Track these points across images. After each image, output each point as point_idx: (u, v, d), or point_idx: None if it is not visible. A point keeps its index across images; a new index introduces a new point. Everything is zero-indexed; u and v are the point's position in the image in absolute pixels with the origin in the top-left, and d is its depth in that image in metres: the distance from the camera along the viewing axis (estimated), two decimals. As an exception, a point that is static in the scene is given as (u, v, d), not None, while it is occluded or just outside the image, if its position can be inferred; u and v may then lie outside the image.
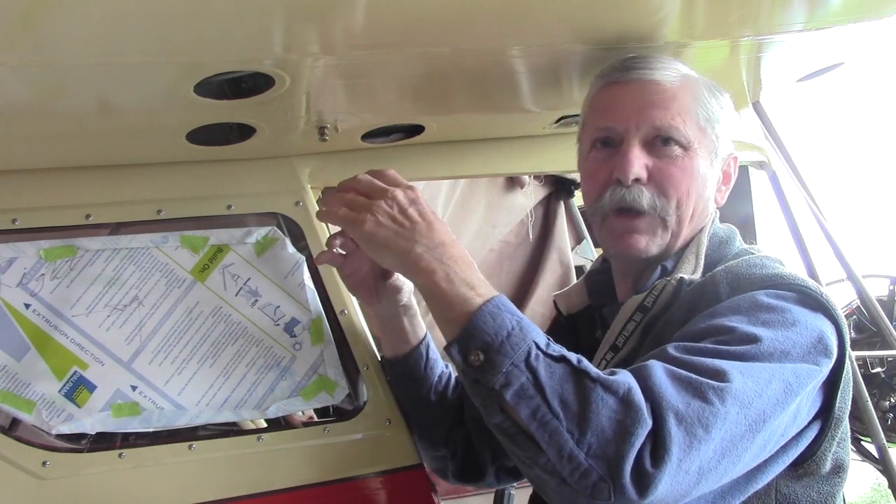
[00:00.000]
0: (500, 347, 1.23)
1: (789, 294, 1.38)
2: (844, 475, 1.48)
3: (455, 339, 1.28)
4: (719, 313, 1.35)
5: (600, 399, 1.17)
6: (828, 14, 1.53)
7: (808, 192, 2.47)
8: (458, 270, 1.35)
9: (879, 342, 3.23)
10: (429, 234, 1.40)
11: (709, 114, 1.52)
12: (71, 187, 1.70)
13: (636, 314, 1.48)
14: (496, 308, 1.28)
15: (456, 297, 1.32)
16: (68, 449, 1.65)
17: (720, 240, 1.57)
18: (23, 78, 1.26)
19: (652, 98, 1.49)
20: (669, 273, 1.51)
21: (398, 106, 1.73)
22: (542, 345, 1.24)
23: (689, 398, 1.18)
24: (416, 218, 1.42)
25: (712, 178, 1.56)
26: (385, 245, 1.43)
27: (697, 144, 1.50)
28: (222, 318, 1.71)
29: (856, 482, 7.02)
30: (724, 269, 1.45)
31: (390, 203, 1.44)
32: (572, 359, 1.23)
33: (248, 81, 1.42)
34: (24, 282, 1.64)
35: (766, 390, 1.24)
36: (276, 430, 1.78)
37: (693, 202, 1.51)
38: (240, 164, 1.79)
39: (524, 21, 1.34)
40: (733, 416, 1.20)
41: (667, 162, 1.48)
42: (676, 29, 1.51)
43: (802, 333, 1.32)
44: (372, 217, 1.43)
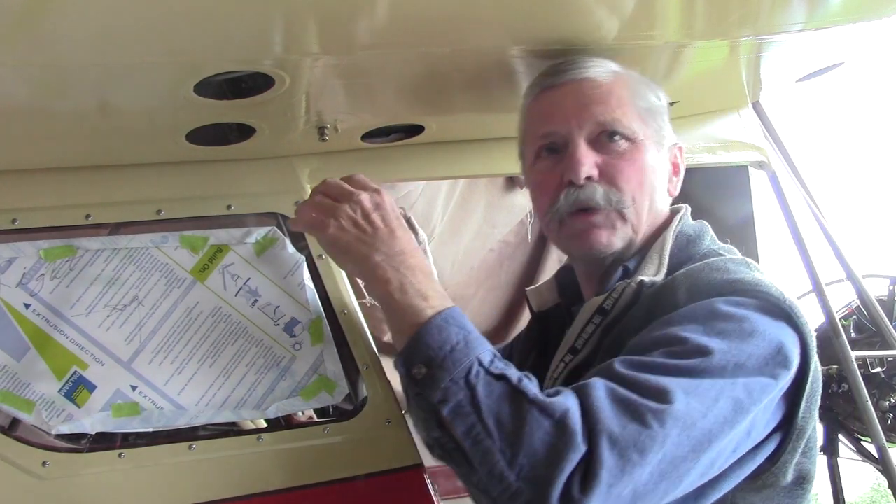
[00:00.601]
0: (443, 362, 1.22)
1: (750, 301, 1.33)
2: (809, 486, 1.43)
3: (401, 351, 1.28)
4: (675, 321, 1.31)
5: (535, 421, 1.15)
6: (827, 14, 1.53)
7: (807, 193, 2.47)
8: (414, 280, 1.35)
9: (879, 342, 3.23)
10: (389, 241, 1.40)
11: (648, 105, 1.52)
12: (71, 187, 1.70)
13: (595, 316, 1.45)
14: (444, 321, 1.27)
15: (408, 307, 1.32)
16: (68, 449, 1.65)
17: (688, 238, 1.53)
18: (23, 78, 1.26)
19: (589, 95, 1.48)
20: (632, 274, 1.48)
21: (398, 106, 1.74)
22: (486, 362, 1.23)
23: (627, 421, 1.15)
24: (378, 224, 1.42)
25: (662, 168, 1.55)
26: (345, 251, 1.43)
27: (643, 136, 1.49)
28: (222, 318, 1.71)
29: (856, 482, 7.03)
30: (684, 274, 1.41)
31: (354, 207, 1.43)
32: (513, 377, 1.21)
33: (248, 81, 1.42)
34: (24, 282, 1.64)
35: (712, 409, 1.21)
36: (276, 430, 1.78)
37: (647, 193, 1.50)
38: (240, 164, 1.79)
39: (523, 21, 1.35)
40: (673, 439, 1.17)
41: (615, 156, 1.47)
42: (676, 29, 1.51)
43: (759, 344, 1.28)
44: (335, 221, 1.42)
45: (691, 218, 1.59)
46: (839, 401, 3.45)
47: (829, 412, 3.55)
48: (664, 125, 1.56)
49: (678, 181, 1.61)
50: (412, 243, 1.42)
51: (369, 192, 1.45)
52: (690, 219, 1.59)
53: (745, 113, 2.21)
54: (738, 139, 2.19)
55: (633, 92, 1.51)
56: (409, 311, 1.31)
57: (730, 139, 2.19)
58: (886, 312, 3.15)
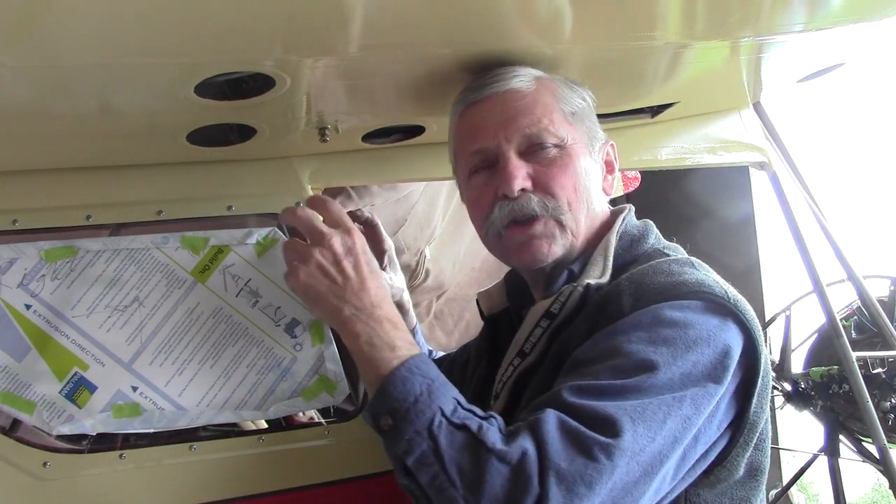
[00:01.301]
0: (406, 414, 1.25)
1: (695, 303, 1.34)
2: (762, 478, 1.45)
3: (370, 403, 1.32)
4: (620, 330, 1.33)
5: (494, 469, 1.18)
6: (828, 15, 1.53)
7: (808, 193, 2.47)
8: (382, 332, 1.37)
9: (880, 343, 3.22)
10: (359, 293, 1.41)
11: (573, 107, 1.53)
12: (71, 188, 1.70)
13: (542, 320, 1.46)
14: (408, 371, 1.30)
15: (376, 360, 1.35)
16: (69, 450, 1.65)
17: (631, 239, 1.53)
18: (23, 79, 1.26)
19: (514, 106, 1.49)
20: (577, 277, 1.48)
21: (398, 107, 1.74)
22: (448, 411, 1.26)
23: (574, 454, 1.18)
24: (349, 273, 1.42)
25: (594, 169, 1.56)
26: (316, 300, 1.45)
27: (571, 140, 1.51)
28: (223, 318, 1.71)
29: (857, 483, 7.02)
30: (628, 278, 1.41)
31: (325, 253, 1.43)
32: (473, 426, 1.24)
33: (249, 82, 1.42)
34: (25, 283, 1.64)
35: (660, 432, 1.23)
36: (277, 431, 1.78)
37: (583, 197, 1.51)
38: (240, 164, 1.79)
39: (523, 22, 1.35)
40: (623, 468, 1.19)
41: (547, 164, 1.49)
42: (677, 29, 1.51)
43: (705, 351, 1.30)
44: (305, 268, 1.43)
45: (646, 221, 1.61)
46: (840, 401, 3.45)
47: (831, 413, 3.55)
48: (592, 125, 1.57)
49: (613, 179, 1.62)
50: (382, 291, 1.44)
51: (340, 235, 1.45)
52: (634, 219, 1.59)
53: (745, 113, 2.21)
54: (738, 140, 2.19)
55: (557, 97, 1.52)
56: (377, 363, 1.34)
57: (730, 140, 2.19)
58: (887, 313, 3.14)
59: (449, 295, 3.11)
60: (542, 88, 1.52)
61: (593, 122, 1.58)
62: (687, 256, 1.49)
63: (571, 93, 1.55)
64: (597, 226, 1.56)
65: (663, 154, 2.11)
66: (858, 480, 6.91)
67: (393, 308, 1.44)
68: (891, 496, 3.00)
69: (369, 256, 1.47)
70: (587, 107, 1.57)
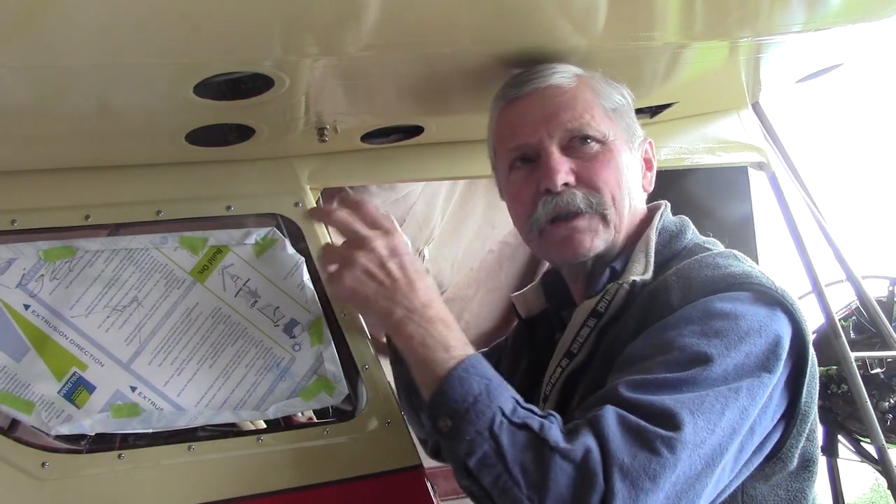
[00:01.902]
0: (466, 415, 1.25)
1: (743, 294, 1.35)
2: (815, 468, 1.45)
3: (427, 405, 1.31)
4: (671, 325, 1.34)
5: (559, 468, 1.19)
6: (827, 15, 1.53)
7: (807, 193, 2.47)
8: (435, 333, 1.36)
9: (879, 343, 3.22)
10: (409, 294, 1.40)
11: (614, 104, 1.54)
12: (70, 188, 1.70)
13: (590, 319, 1.47)
14: (465, 372, 1.29)
15: (431, 361, 1.34)
16: (68, 450, 1.65)
17: (671, 234, 1.54)
18: (22, 79, 1.26)
19: (556, 102, 1.49)
20: (620, 274, 1.49)
21: (397, 107, 1.74)
22: (508, 411, 1.25)
23: (637, 449, 1.19)
24: (396, 274, 1.42)
25: (634, 165, 1.56)
26: (365, 305, 1.44)
27: (613, 136, 1.51)
28: (222, 318, 1.71)
29: (855, 483, 7.02)
30: (675, 273, 1.42)
31: (369, 256, 1.43)
32: (534, 425, 1.24)
33: (248, 82, 1.42)
34: (24, 283, 1.64)
35: (719, 424, 1.24)
36: (276, 431, 1.78)
37: (625, 192, 1.51)
38: (239, 164, 1.79)
39: (523, 22, 1.35)
40: (685, 461, 1.20)
41: (589, 159, 1.49)
42: (676, 30, 1.51)
43: (756, 341, 1.31)
44: (350, 273, 1.43)
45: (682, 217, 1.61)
46: (839, 401, 3.45)
47: (829, 413, 3.55)
48: (632, 122, 1.58)
49: (652, 176, 1.62)
50: (430, 291, 1.43)
51: (383, 237, 1.45)
52: (671, 215, 1.60)
53: (744, 114, 2.22)
54: (737, 140, 2.19)
55: (597, 93, 1.52)
56: (432, 364, 1.33)
57: (729, 140, 2.19)
58: (886, 313, 3.14)
59: (448, 295, 3.11)
60: (583, 85, 1.52)
61: (632, 118, 1.58)
62: (729, 250, 1.50)
63: (611, 89, 1.55)
64: (636, 222, 1.56)
65: (662, 154, 2.11)
66: (857, 481, 6.91)
67: (443, 307, 1.43)
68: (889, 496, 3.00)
69: (412, 256, 1.46)
70: (626, 104, 1.57)
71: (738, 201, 2.69)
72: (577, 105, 1.49)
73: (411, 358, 1.38)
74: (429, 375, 1.33)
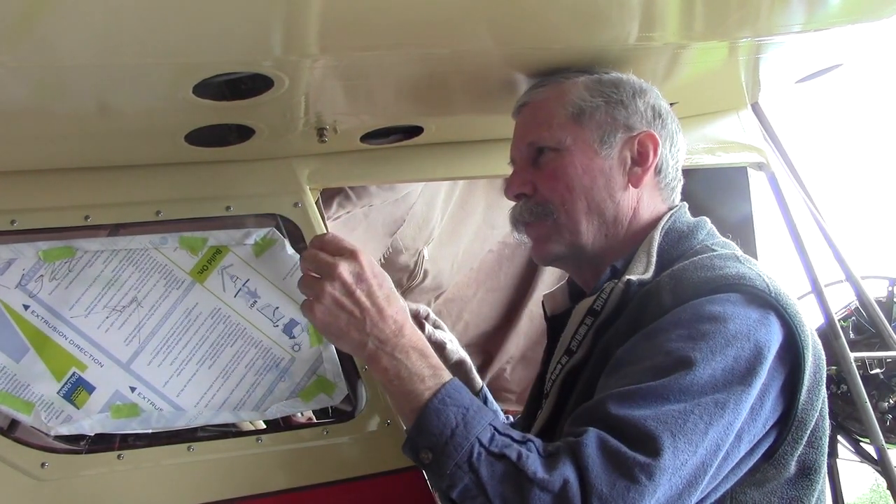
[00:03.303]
0: (445, 448, 1.26)
1: (735, 296, 1.34)
2: (816, 476, 1.43)
3: (407, 439, 1.32)
4: (661, 329, 1.34)
5: (537, 498, 1.20)
6: (827, 15, 1.53)
7: (806, 194, 2.47)
8: (409, 363, 1.36)
9: (878, 343, 3.22)
10: (379, 323, 1.38)
11: (583, 107, 1.55)
12: (70, 188, 1.70)
13: (587, 318, 1.48)
14: (441, 403, 1.30)
15: (407, 394, 1.34)
16: (67, 450, 1.64)
17: (679, 234, 1.53)
18: (22, 79, 1.26)
19: (527, 118, 1.61)
20: (620, 273, 1.49)
21: (397, 107, 1.74)
22: (486, 440, 1.26)
23: (616, 477, 1.20)
24: (364, 303, 1.38)
25: (604, 165, 1.54)
26: (338, 336, 1.42)
27: (571, 140, 1.54)
28: (221, 319, 1.71)
29: (855, 483, 7.03)
30: (669, 274, 1.42)
31: (334, 284, 1.39)
32: (512, 455, 1.25)
33: (247, 83, 1.42)
34: (23, 283, 1.64)
35: (702, 444, 1.24)
36: (275, 432, 1.78)
37: (581, 195, 1.53)
38: (239, 165, 1.79)
39: (523, 22, 1.35)
40: (665, 486, 1.21)
41: (543, 168, 1.56)
42: (675, 30, 1.51)
43: (746, 346, 1.30)
44: (320, 305, 1.39)
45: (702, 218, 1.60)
46: (838, 402, 3.45)
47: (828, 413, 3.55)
48: (610, 120, 1.55)
49: (644, 169, 1.55)
50: (400, 315, 1.40)
51: (348, 261, 1.40)
52: (687, 215, 1.59)
53: (744, 114, 2.22)
54: (737, 140, 2.19)
55: (562, 101, 1.56)
56: (408, 397, 1.34)
57: (729, 140, 2.19)
58: (885, 313, 3.15)
59: (447, 295, 3.11)
60: (552, 94, 1.56)
61: (615, 117, 1.55)
62: (731, 252, 1.49)
63: (584, 92, 1.55)
64: (625, 222, 1.55)
65: (662, 155, 2.11)
66: (856, 481, 6.91)
67: (415, 332, 1.41)
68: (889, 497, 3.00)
69: (381, 278, 1.42)
70: (604, 104, 1.55)
71: (737, 201, 2.69)
72: (538, 117, 1.57)
73: (387, 390, 1.39)
74: (406, 408, 1.34)
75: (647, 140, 1.56)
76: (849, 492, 3.69)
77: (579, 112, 1.55)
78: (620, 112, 1.56)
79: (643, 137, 1.56)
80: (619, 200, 1.55)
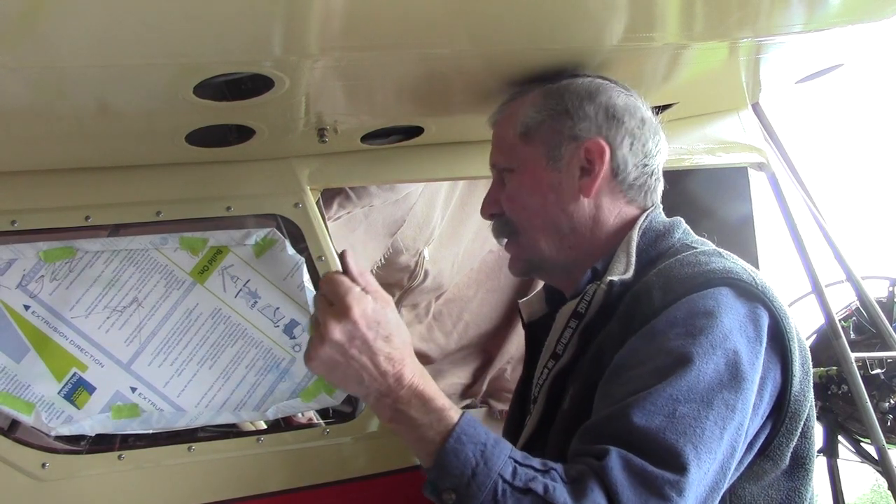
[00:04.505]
0: (467, 489, 1.23)
1: (724, 290, 1.36)
2: (810, 466, 1.45)
3: (427, 482, 1.29)
4: (659, 330, 1.34)
5: None
6: (827, 15, 1.53)
7: (807, 194, 2.47)
8: (414, 413, 1.30)
9: (879, 344, 3.22)
10: (378, 378, 1.30)
11: (528, 124, 1.56)
12: (70, 189, 1.70)
13: (571, 321, 1.49)
14: (458, 442, 1.26)
15: (418, 440, 1.30)
16: (67, 450, 1.65)
17: (656, 234, 1.54)
18: (23, 79, 1.26)
19: (493, 139, 1.66)
20: (601, 275, 1.49)
21: (397, 107, 1.74)
22: (508, 475, 1.23)
23: (647, 497, 1.20)
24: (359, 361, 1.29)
25: (552, 180, 1.55)
26: (339, 386, 1.41)
27: (521, 160, 1.57)
28: (222, 319, 1.71)
29: (855, 483, 7.02)
30: (656, 273, 1.43)
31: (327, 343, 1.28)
32: (538, 489, 1.22)
33: (248, 83, 1.42)
34: (24, 283, 1.64)
35: (720, 449, 1.26)
36: (276, 432, 1.78)
37: (534, 213, 1.56)
38: (239, 165, 1.79)
39: (522, 23, 1.35)
40: (692, 498, 1.22)
41: (507, 189, 1.60)
42: (676, 30, 1.51)
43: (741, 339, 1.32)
44: (315, 361, 1.30)
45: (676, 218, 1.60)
46: (839, 402, 3.44)
47: (829, 414, 3.54)
48: (554, 134, 1.54)
49: (593, 177, 1.53)
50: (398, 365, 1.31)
51: (338, 321, 1.29)
52: (662, 216, 1.59)
53: (744, 114, 2.22)
54: (737, 140, 2.19)
55: (514, 121, 1.59)
56: (422, 442, 1.29)
57: (729, 140, 2.19)
58: (886, 314, 3.14)
59: (448, 296, 3.11)
60: (508, 114, 1.61)
61: (559, 129, 1.54)
62: (713, 248, 1.51)
63: (532, 110, 1.56)
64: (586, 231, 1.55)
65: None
66: (857, 481, 6.91)
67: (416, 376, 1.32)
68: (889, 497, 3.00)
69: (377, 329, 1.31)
70: (548, 118, 1.55)
71: (738, 202, 2.69)
72: (496, 141, 1.64)
73: (399, 436, 1.34)
74: (422, 452, 1.30)
75: (593, 147, 1.53)
76: (849, 492, 3.68)
77: (525, 131, 1.57)
78: (565, 123, 1.54)
79: (589, 145, 1.53)
80: (572, 212, 1.55)
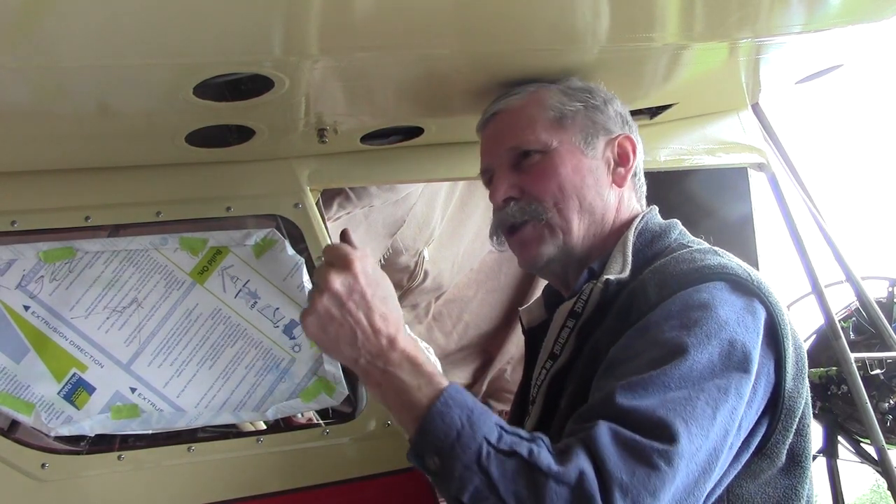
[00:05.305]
0: (451, 451, 1.23)
1: (719, 284, 1.37)
2: (807, 463, 1.44)
3: (411, 446, 1.29)
4: (653, 324, 1.34)
5: (553, 493, 1.17)
6: (827, 16, 1.53)
7: (806, 194, 2.47)
8: (404, 375, 1.30)
9: (878, 344, 3.22)
10: (371, 338, 1.31)
11: (564, 111, 1.57)
12: (70, 189, 1.70)
13: (568, 320, 1.49)
14: (444, 406, 1.26)
15: (405, 404, 1.30)
16: (67, 451, 1.65)
17: (653, 234, 1.55)
18: (22, 80, 1.26)
19: (504, 123, 1.61)
20: (598, 274, 1.50)
21: (397, 108, 1.74)
22: (494, 439, 1.23)
23: (635, 465, 1.18)
24: (355, 317, 1.32)
25: (591, 165, 1.57)
26: (330, 350, 1.38)
27: (557, 142, 1.55)
28: (221, 319, 1.71)
29: (855, 484, 7.03)
30: (652, 270, 1.44)
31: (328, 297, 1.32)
32: (523, 451, 1.22)
33: (248, 83, 1.42)
34: (24, 284, 1.64)
35: (712, 429, 1.25)
36: (276, 432, 1.78)
37: (572, 194, 1.55)
38: (239, 165, 1.79)
39: (522, 23, 1.35)
40: (683, 472, 1.21)
41: (530, 171, 1.56)
42: (675, 30, 1.51)
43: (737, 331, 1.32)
44: (312, 317, 1.32)
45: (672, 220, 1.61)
46: (838, 402, 3.45)
47: (829, 414, 3.55)
48: (591, 124, 1.59)
49: (627, 170, 1.60)
50: (393, 326, 1.33)
51: (340, 272, 1.33)
52: (658, 217, 1.61)
53: (744, 115, 2.22)
54: (737, 141, 2.19)
55: (545, 105, 1.58)
56: (407, 406, 1.30)
57: (729, 141, 2.19)
58: (885, 314, 3.14)
59: (447, 296, 3.11)
60: (531, 100, 1.58)
61: (595, 120, 1.59)
62: (709, 246, 1.52)
63: (562, 97, 1.58)
64: (610, 221, 1.58)
65: (662, 155, 2.11)
66: (857, 482, 6.92)
67: (409, 342, 1.35)
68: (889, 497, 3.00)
69: (375, 286, 1.35)
70: (583, 108, 1.59)
71: (737, 202, 2.69)
72: (521, 122, 1.58)
73: (385, 404, 1.35)
74: (406, 417, 1.30)
75: (626, 142, 1.61)
76: (849, 492, 3.68)
77: (561, 115, 1.57)
78: (598, 116, 1.60)
79: (622, 140, 1.61)
80: (606, 198, 1.58)
